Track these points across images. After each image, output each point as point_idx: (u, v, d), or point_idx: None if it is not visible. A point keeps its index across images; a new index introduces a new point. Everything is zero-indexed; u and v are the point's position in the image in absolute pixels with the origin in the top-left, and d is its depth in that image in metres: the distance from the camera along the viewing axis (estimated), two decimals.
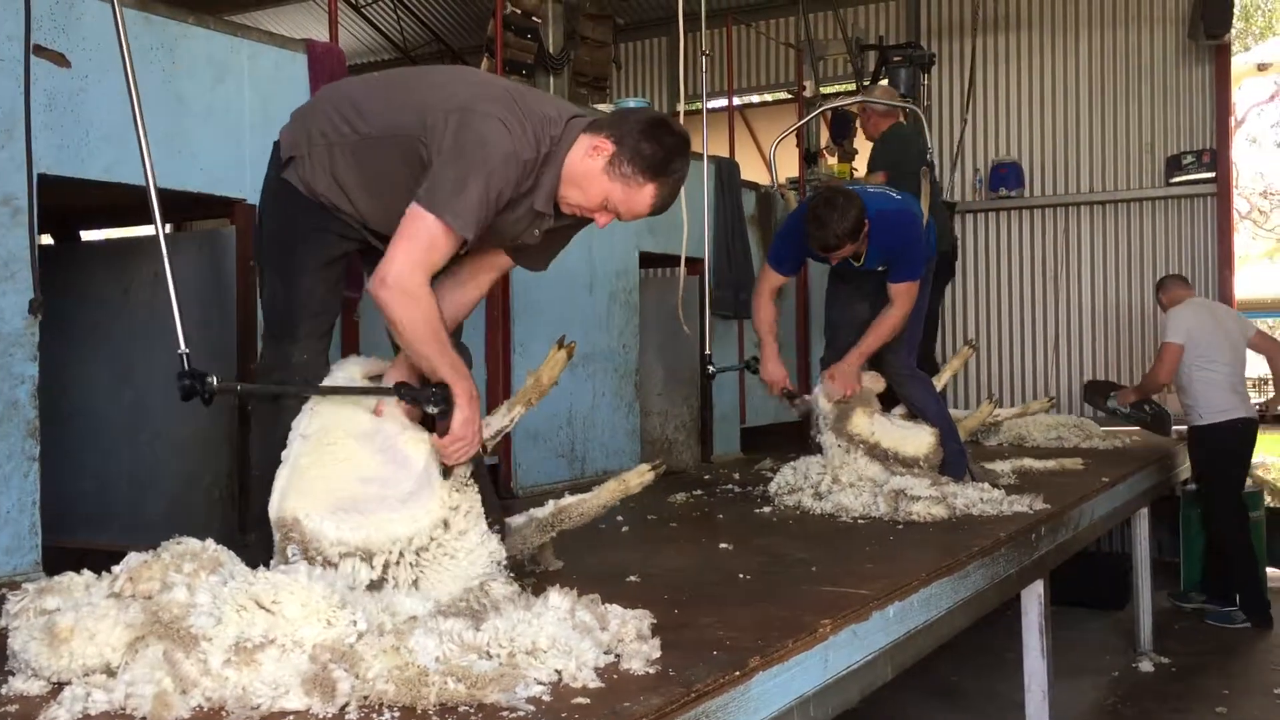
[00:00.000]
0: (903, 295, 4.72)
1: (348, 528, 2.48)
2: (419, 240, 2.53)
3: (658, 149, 2.63)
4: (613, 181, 2.64)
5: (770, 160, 6.72)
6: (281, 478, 2.57)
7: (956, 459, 4.74)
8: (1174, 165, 8.67)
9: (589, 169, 2.65)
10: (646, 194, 2.66)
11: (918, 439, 4.64)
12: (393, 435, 2.65)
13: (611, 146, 2.63)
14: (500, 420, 2.98)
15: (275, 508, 2.52)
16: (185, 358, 2.66)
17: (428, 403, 2.64)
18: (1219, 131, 8.61)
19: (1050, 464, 5.65)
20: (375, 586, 2.41)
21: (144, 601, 2.12)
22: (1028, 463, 5.60)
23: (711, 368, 4.93)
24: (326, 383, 2.74)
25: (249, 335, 3.77)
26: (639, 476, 3.14)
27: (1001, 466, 5.35)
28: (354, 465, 2.60)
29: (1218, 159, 8.55)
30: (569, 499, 3.10)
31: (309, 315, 2.85)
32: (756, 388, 7.20)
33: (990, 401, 5.95)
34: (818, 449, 4.74)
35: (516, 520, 3.04)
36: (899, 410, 4.92)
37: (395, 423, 2.68)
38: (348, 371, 2.80)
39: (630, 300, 5.79)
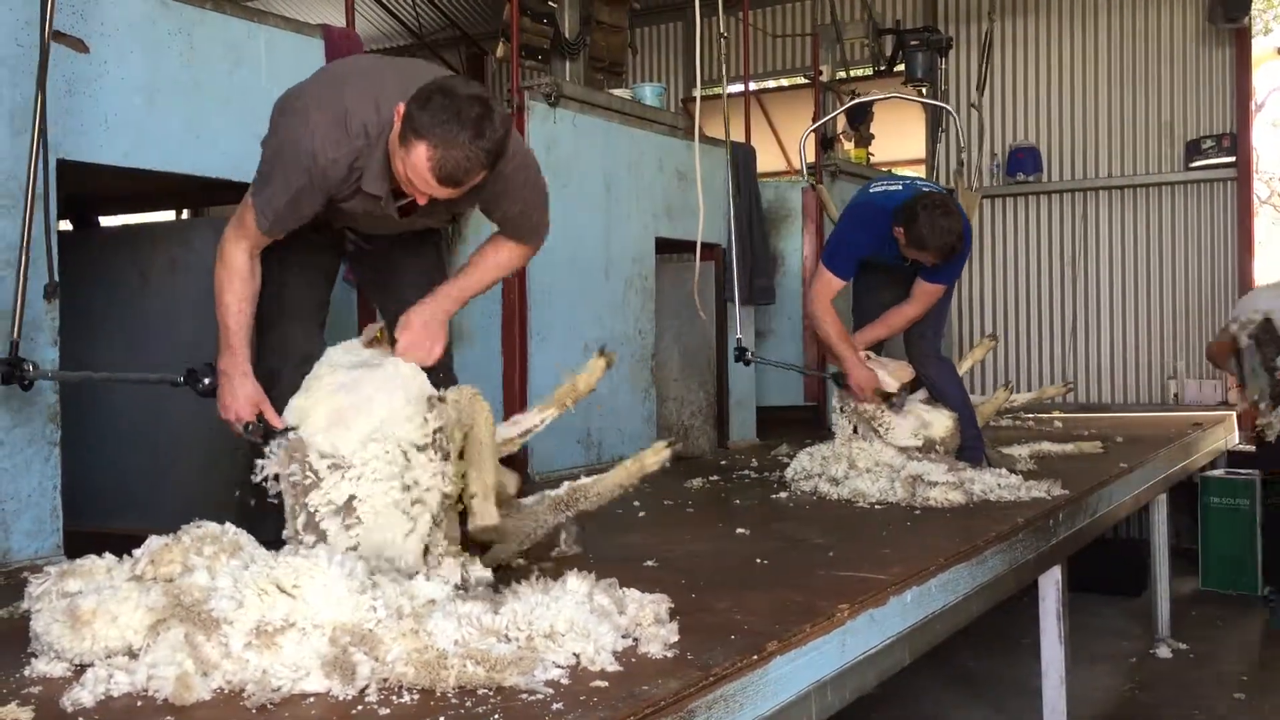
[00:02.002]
0: (928, 295, 4.72)
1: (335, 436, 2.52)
2: (238, 215, 2.78)
3: (423, 111, 2.49)
4: (397, 148, 2.55)
5: (800, 150, 6.72)
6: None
7: (974, 445, 4.74)
8: (1194, 150, 8.60)
9: (394, 138, 2.59)
10: (418, 155, 2.49)
11: (935, 421, 4.63)
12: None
13: (402, 110, 2.54)
14: (531, 419, 2.99)
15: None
16: (14, 345, 2.92)
17: (194, 384, 2.80)
18: (1239, 115, 8.54)
19: (1068, 447, 5.62)
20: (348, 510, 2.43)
21: (165, 584, 2.14)
22: (1045, 446, 5.57)
23: (749, 353, 4.78)
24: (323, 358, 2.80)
25: None
26: (655, 455, 3.03)
27: (1019, 451, 5.33)
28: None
29: (1238, 143, 8.49)
30: (584, 479, 3.04)
31: (295, 292, 3.01)
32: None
33: (1005, 389, 5.93)
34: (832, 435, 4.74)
35: (530, 500, 3.04)
36: (920, 395, 4.90)
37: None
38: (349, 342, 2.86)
39: (646, 286, 5.78)
